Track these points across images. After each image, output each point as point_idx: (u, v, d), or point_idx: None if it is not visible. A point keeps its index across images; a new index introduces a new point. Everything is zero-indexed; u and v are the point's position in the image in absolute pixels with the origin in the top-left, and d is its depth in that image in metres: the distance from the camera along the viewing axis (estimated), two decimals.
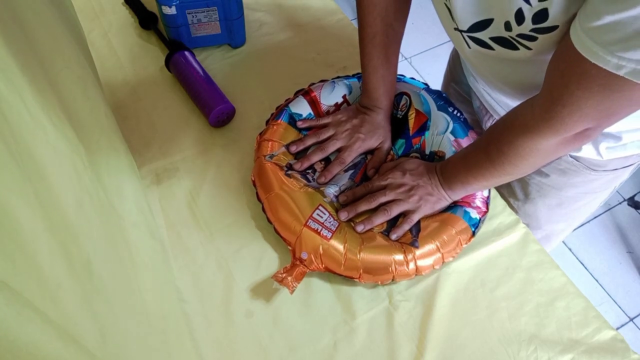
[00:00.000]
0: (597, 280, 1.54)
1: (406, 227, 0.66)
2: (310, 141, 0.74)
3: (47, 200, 0.35)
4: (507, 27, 0.51)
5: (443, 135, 0.73)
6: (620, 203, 1.69)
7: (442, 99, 0.76)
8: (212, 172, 0.75)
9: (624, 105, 0.46)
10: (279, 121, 0.75)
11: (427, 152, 0.73)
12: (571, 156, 0.69)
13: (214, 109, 0.77)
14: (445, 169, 0.68)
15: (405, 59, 2.02)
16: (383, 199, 0.68)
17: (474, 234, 0.67)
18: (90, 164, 0.49)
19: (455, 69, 0.88)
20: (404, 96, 0.77)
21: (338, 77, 0.82)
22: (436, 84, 1.94)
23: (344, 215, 0.67)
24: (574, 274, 1.54)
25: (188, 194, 0.73)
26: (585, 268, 1.57)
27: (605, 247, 1.60)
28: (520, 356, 0.61)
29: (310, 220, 0.65)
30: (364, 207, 0.67)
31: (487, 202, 0.70)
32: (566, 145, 0.54)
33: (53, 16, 0.52)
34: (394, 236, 0.66)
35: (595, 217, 1.66)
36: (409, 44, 2.05)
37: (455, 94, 0.90)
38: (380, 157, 0.75)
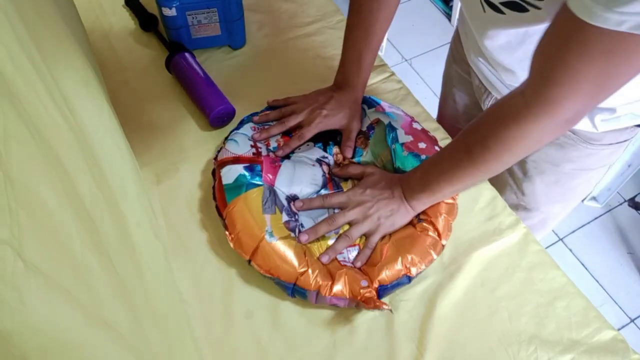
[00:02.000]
0: (597, 281, 1.54)
1: (368, 252, 0.65)
2: (275, 130, 0.75)
3: (70, 191, 0.36)
4: None
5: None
6: (620, 204, 1.69)
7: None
8: None
9: (621, 74, 0.45)
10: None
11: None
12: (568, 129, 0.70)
13: (214, 109, 0.78)
14: (411, 178, 0.66)
15: (405, 60, 2.02)
16: (342, 221, 0.66)
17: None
18: (96, 162, 0.49)
19: (456, 49, 0.88)
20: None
21: None
22: (436, 85, 1.94)
23: (304, 238, 0.65)
24: (575, 275, 1.53)
25: (188, 194, 0.73)
26: (586, 269, 1.57)
27: (606, 248, 1.60)
28: (521, 356, 0.61)
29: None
30: (324, 229, 0.66)
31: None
32: (554, 132, 0.53)
33: (56, 16, 0.53)
34: (358, 264, 0.64)
35: (595, 218, 1.66)
36: (408, 46, 2.05)
37: (457, 75, 0.90)
38: (349, 137, 0.74)
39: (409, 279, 0.63)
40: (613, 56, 0.43)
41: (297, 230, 0.66)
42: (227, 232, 0.65)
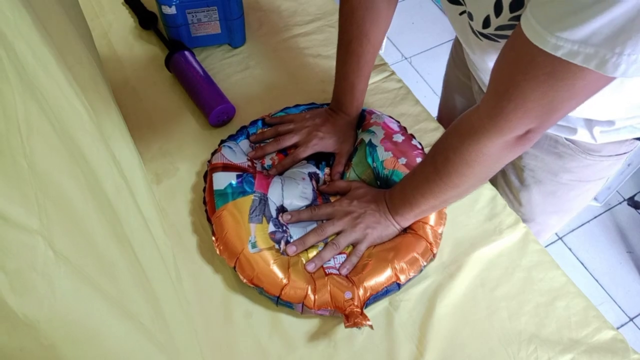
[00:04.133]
0: (597, 280, 1.54)
1: (355, 259, 0.65)
2: (270, 148, 0.75)
3: (92, 182, 0.36)
4: (486, 23, 0.51)
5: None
6: (620, 203, 1.69)
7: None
8: None
9: (565, 98, 0.46)
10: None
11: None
12: (567, 139, 0.70)
13: (214, 108, 0.77)
14: (393, 193, 0.66)
15: (405, 58, 2.02)
16: (331, 230, 0.66)
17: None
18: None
19: (457, 53, 0.89)
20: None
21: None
22: (436, 83, 1.93)
23: (292, 250, 0.64)
24: (574, 274, 1.54)
25: (188, 193, 0.73)
26: (585, 268, 1.57)
27: (605, 247, 1.60)
28: (520, 356, 0.61)
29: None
30: (312, 240, 0.66)
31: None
32: (509, 150, 0.53)
33: (62, 14, 0.53)
34: (344, 270, 0.64)
35: (595, 217, 1.66)
36: (408, 44, 2.05)
37: (457, 80, 0.90)
38: (341, 161, 0.75)
39: (399, 286, 0.63)
40: (556, 81, 0.43)
41: (283, 242, 0.65)
42: (213, 238, 0.65)
